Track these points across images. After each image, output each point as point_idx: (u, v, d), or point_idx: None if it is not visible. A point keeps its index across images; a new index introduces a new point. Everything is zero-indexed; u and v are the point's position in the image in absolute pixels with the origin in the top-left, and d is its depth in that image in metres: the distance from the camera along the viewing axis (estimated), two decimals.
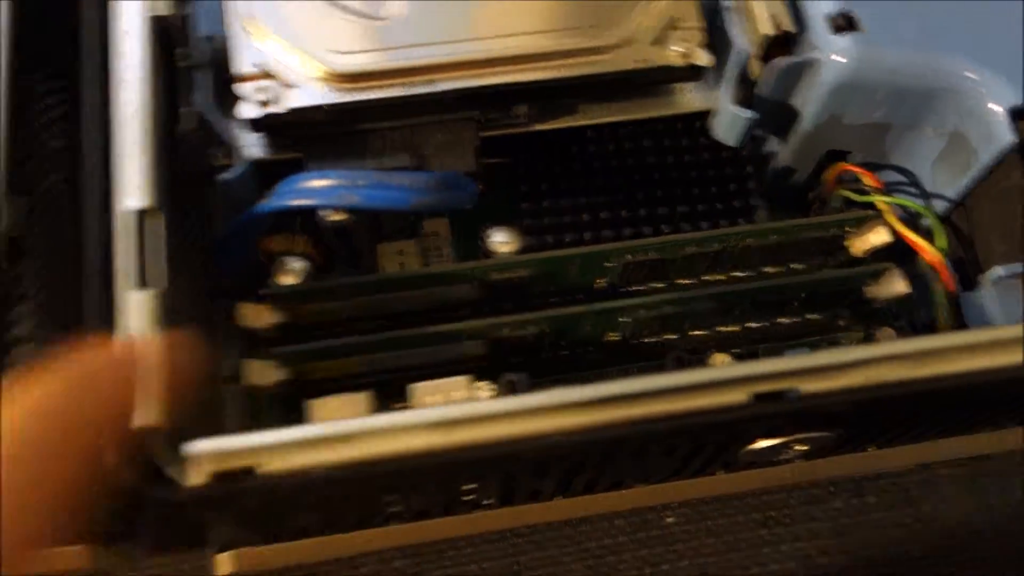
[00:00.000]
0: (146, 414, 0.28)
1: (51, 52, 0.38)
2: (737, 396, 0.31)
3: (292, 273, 0.42)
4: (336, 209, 0.37)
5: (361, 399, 0.37)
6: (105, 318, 0.31)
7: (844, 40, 0.38)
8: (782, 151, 0.44)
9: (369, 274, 0.43)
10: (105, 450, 0.25)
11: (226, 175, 0.37)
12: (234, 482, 0.29)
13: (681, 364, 0.39)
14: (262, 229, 0.38)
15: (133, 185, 0.33)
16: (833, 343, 0.46)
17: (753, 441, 0.36)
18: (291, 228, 0.42)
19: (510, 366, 0.42)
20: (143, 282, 0.31)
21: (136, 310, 0.31)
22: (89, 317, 0.32)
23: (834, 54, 0.38)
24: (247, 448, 0.29)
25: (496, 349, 0.40)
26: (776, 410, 0.32)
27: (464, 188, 0.37)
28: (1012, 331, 0.32)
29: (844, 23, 0.38)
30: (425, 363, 0.40)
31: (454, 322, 0.40)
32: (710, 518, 0.45)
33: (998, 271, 0.38)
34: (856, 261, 0.45)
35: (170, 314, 0.33)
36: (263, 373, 0.39)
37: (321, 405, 0.37)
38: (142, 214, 0.33)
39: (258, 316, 0.40)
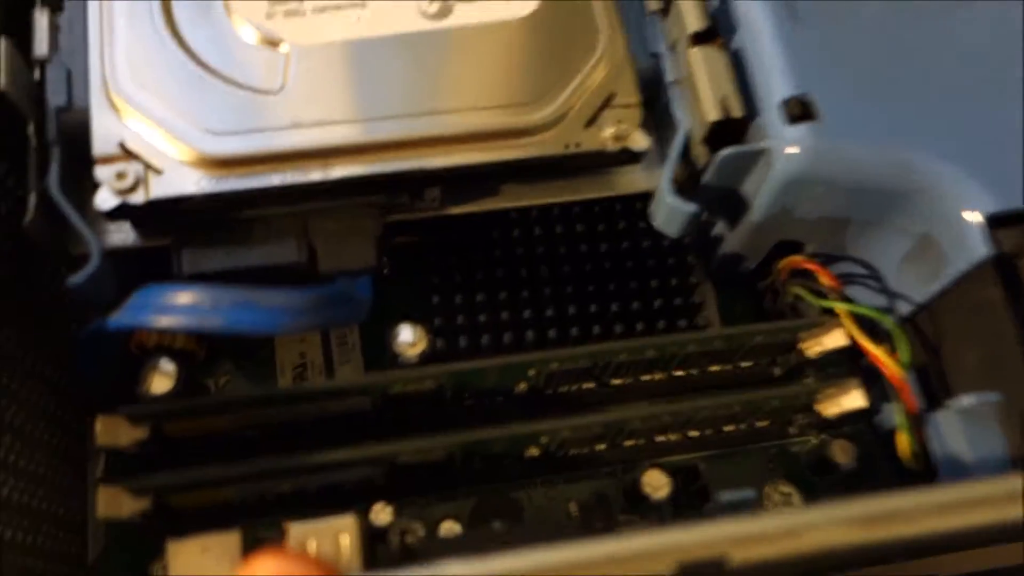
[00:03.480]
0: None
1: None
2: (660, 567, 0.27)
3: (164, 376, 0.36)
4: (195, 332, 0.32)
5: (230, 543, 0.32)
6: None
7: (799, 130, 0.33)
8: (731, 238, 0.39)
9: (249, 389, 0.38)
10: None
11: (74, 278, 0.32)
12: None
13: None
14: (118, 339, 0.33)
15: None
16: (784, 451, 0.41)
17: None
18: None
19: (414, 485, 0.37)
20: None
21: None
22: None
23: (788, 145, 0.34)
24: None
25: (397, 472, 0.35)
26: None
27: (353, 304, 0.32)
28: (967, 490, 0.27)
29: (800, 111, 0.33)
30: (311, 490, 0.35)
31: (349, 443, 0.35)
32: None
33: (967, 400, 0.33)
34: (809, 362, 0.40)
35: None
36: (116, 503, 0.33)
37: (180, 551, 0.31)
38: None
39: (117, 432, 0.34)
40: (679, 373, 0.40)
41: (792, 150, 0.33)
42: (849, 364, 0.39)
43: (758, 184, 0.36)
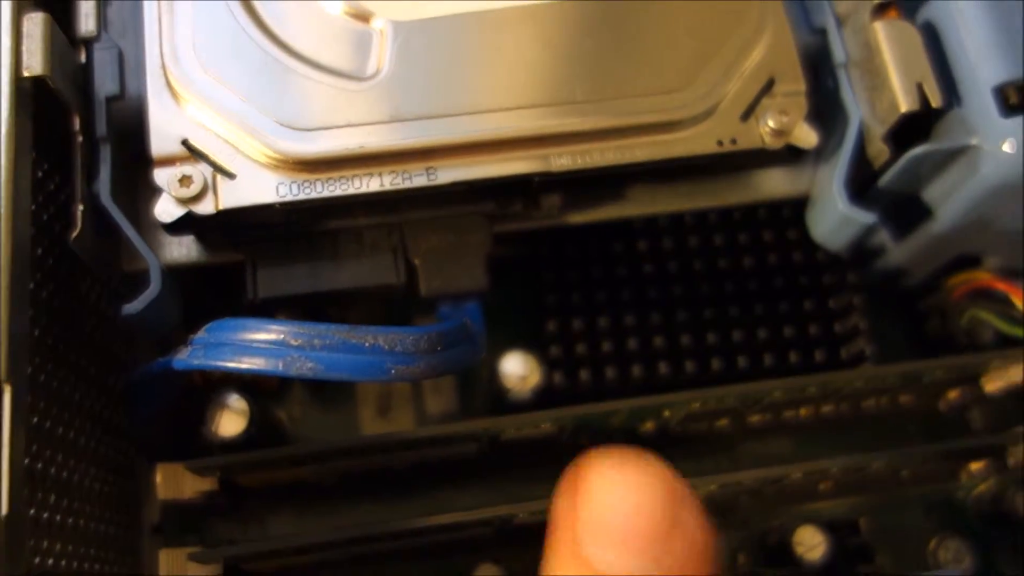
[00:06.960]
0: None
1: None
2: None
3: (235, 416, 0.30)
4: (282, 377, 0.26)
5: None
6: None
7: (1017, 124, 0.27)
8: (896, 250, 0.33)
9: (327, 424, 0.32)
10: None
11: (129, 306, 0.26)
12: None
13: None
14: (182, 380, 0.27)
15: None
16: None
17: None
18: None
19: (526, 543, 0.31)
20: None
21: None
22: None
23: (1001, 143, 0.27)
24: None
25: (508, 530, 0.30)
26: None
27: (471, 342, 0.26)
28: None
29: (1018, 100, 0.27)
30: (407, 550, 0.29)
31: (450, 488, 0.30)
32: None
33: None
34: (982, 398, 0.34)
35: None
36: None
37: None
38: None
39: (180, 484, 0.29)
40: (826, 408, 0.34)
41: (1008, 148, 0.27)
42: None
43: (950, 189, 0.29)
